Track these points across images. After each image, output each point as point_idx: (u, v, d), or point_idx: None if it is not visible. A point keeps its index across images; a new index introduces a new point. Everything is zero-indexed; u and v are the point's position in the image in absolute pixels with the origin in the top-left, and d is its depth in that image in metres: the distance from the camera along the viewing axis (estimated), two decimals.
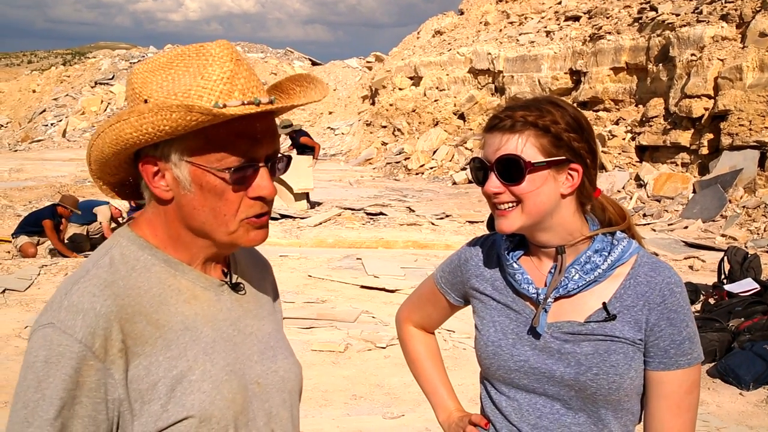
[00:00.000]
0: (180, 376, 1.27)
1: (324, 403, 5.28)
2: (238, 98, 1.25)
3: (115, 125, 1.24)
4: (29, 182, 18.87)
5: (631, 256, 1.61)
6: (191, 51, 1.28)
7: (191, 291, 1.34)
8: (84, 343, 1.19)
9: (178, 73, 1.26)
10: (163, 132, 1.21)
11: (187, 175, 1.27)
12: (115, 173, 1.36)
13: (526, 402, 1.65)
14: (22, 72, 58.71)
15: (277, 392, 1.43)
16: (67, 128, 35.84)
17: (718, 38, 15.56)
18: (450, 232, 12.52)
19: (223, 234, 1.32)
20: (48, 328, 1.20)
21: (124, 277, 1.28)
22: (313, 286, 8.78)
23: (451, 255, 1.89)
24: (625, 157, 17.04)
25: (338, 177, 22.32)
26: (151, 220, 1.35)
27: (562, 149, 1.54)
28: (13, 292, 8.14)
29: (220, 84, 1.24)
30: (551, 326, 1.61)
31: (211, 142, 1.25)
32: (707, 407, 5.33)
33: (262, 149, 1.30)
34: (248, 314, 1.43)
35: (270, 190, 1.31)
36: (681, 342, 1.57)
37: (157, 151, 1.27)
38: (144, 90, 1.26)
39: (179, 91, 1.24)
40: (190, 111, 1.18)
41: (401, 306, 2.05)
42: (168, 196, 1.30)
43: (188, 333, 1.31)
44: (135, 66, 1.31)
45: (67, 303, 1.22)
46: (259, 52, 48.46)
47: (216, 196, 1.28)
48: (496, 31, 25.56)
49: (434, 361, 1.97)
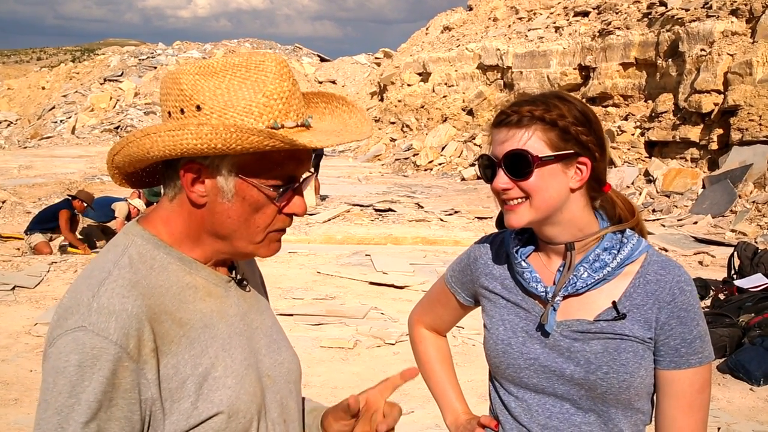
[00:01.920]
0: (205, 373, 1.28)
1: (333, 399, 5.28)
2: (293, 119, 1.27)
3: (177, 132, 1.22)
4: (39, 179, 18.91)
5: (640, 254, 1.60)
6: (248, 62, 1.28)
7: (206, 288, 1.35)
8: (119, 345, 1.18)
9: (234, 84, 1.26)
10: (232, 150, 1.22)
11: (231, 187, 1.28)
12: (139, 167, 1.37)
13: (536, 402, 1.65)
14: (31, 69, 58.92)
15: (285, 383, 1.46)
16: (76, 125, 35.91)
17: (728, 33, 15.48)
18: (459, 228, 12.51)
19: (247, 243, 1.34)
20: (79, 331, 1.18)
21: (146, 277, 1.28)
22: (322, 282, 8.79)
23: (461, 254, 1.88)
24: (634, 152, 16.99)
25: (347, 173, 22.34)
26: (168, 218, 1.35)
27: (569, 143, 1.53)
28: (23, 289, 8.17)
29: (280, 103, 1.26)
30: (560, 324, 1.61)
31: (265, 161, 1.27)
32: (717, 403, 5.31)
33: (302, 169, 1.34)
34: (252, 309, 1.45)
35: (304, 208, 1.36)
36: (692, 341, 1.56)
37: (206, 160, 1.27)
38: (196, 94, 1.25)
39: (238, 104, 1.24)
40: (272, 138, 1.20)
41: (414, 308, 2.05)
42: (202, 201, 1.30)
43: (207, 330, 1.32)
44: (181, 66, 1.30)
45: (97, 305, 1.20)
46: (267, 48, 48.49)
47: (254, 209, 1.30)
48: (505, 27, 25.52)
49: (444, 363, 1.97)
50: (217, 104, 1.24)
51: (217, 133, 1.20)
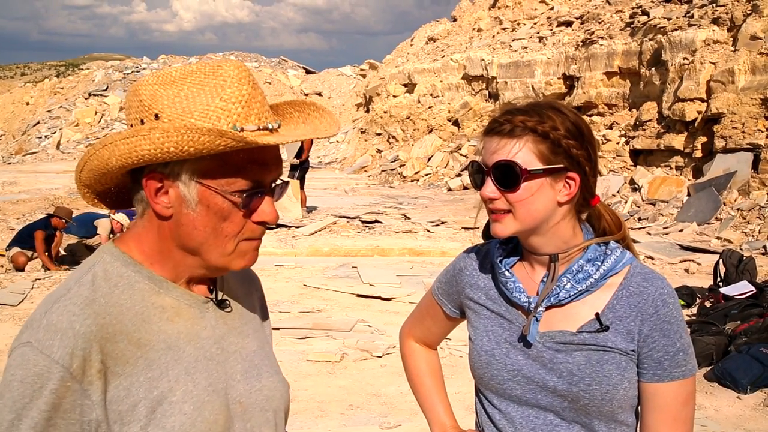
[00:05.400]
0: (161, 397, 1.24)
1: (320, 414, 5.25)
2: (255, 122, 1.25)
3: (131, 139, 1.21)
4: (23, 195, 18.80)
5: (624, 266, 1.59)
6: (206, 69, 1.27)
7: (175, 309, 1.32)
8: (61, 364, 1.16)
9: (193, 91, 1.24)
10: (185, 153, 1.19)
11: (195, 195, 1.26)
12: (106, 183, 1.34)
13: (519, 414, 1.63)
14: (15, 84, 58.65)
15: (260, 411, 1.41)
16: (61, 140, 35.80)
17: (709, 42, 15.59)
18: (445, 239, 12.51)
19: (218, 255, 1.31)
20: (26, 347, 1.18)
21: (106, 295, 1.25)
22: (308, 295, 8.75)
23: (448, 265, 1.87)
24: (619, 161, 17.07)
25: (333, 185, 22.31)
26: (140, 235, 1.33)
27: (560, 156, 1.52)
28: (6, 306, 8.09)
29: (239, 107, 1.24)
30: (543, 336, 1.59)
31: (226, 165, 1.25)
32: (705, 411, 5.31)
33: (270, 175, 1.31)
34: (233, 332, 1.41)
35: (274, 216, 1.32)
36: (675, 353, 1.55)
37: (167, 168, 1.25)
38: (155, 104, 1.24)
39: (196, 110, 1.22)
40: (222, 136, 1.17)
41: (404, 321, 2.03)
42: (168, 213, 1.28)
43: (170, 352, 1.28)
44: (142, 78, 1.28)
45: (46, 322, 1.19)
46: (253, 61, 48.49)
47: (221, 218, 1.27)
48: (489, 38, 25.62)
49: (433, 377, 1.95)
50: (175, 111, 1.22)
51: (168, 135, 1.18)
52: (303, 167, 15.62)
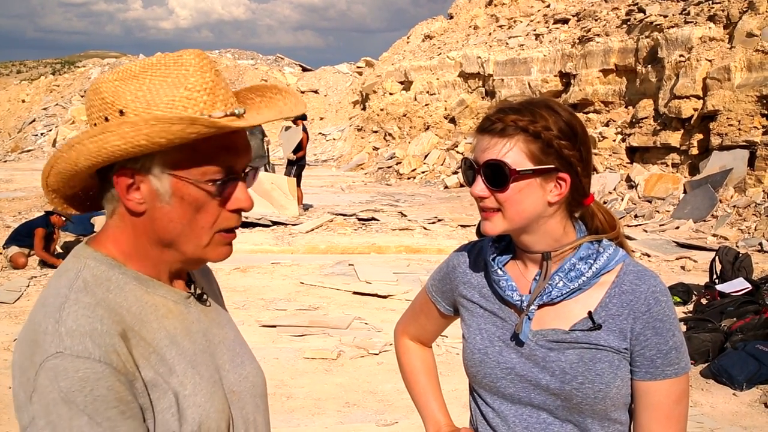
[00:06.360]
0: (175, 391, 1.25)
1: (317, 411, 5.25)
2: (221, 109, 1.24)
3: (99, 137, 1.18)
4: (18, 193, 18.78)
5: (617, 264, 1.58)
6: (166, 61, 1.25)
7: (165, 306, 1.32)
8: (104, 362, 1.15)
9: (155, 84, 1.22)
10: (157, 144, 1.17)
11: (168, 187, 1.24)
12: (75, 186, 1.31)
13: (513, 413, 1.63)
14: (11, 82, 58.49)
15: (251, 398, 1.43)
16: (57, 138, 35.72)
17: (705, 39, 15.61)
18: (442, 237, 12.51)
19: (194, 247, 1.30)
20: (57, 358, 1.13)
21: (105, 299, 1.24)
22: (305, 293, 8.75)
23: (441, 263, 1.87)
24: (615, 158, 17.08)
25: (330, 183, 22.31)
26: (115, 236, 1.31)
27: (551, 157, 1.50)
28: (2, 304, 8.07)
29: (204, 95, 1.22)
30: (536, 334, 1.59)
31: (196, 154, 1.23)
32: (701, 408, 5.32)
33: (241, 161, 1.29)
34: (213, 324, 1.42)
35: (249, 203, 1.31)
36: (667, 352, 1.55)
37: (137, 163, 1.23)
38: (118, 100, 1.21)
39: (161, 102, 1.20)
40: (194, 123, 1.16)
41: (399, 319, 2.03)
42: (141, 209, 1.26)
43: (174, 348, 1.29)
44: (100, 75, 1.26)
45: (65, 329, 1.16)
46: (249, 58, 48.44)
47: (195, 209, 1.26)
48: (486, 35, 25.63)
49: (428, 375, 1.95)
50: (140, 105, 1.21)
51: (138, 128, 1.16)
52: (299, 164, 15.57)
